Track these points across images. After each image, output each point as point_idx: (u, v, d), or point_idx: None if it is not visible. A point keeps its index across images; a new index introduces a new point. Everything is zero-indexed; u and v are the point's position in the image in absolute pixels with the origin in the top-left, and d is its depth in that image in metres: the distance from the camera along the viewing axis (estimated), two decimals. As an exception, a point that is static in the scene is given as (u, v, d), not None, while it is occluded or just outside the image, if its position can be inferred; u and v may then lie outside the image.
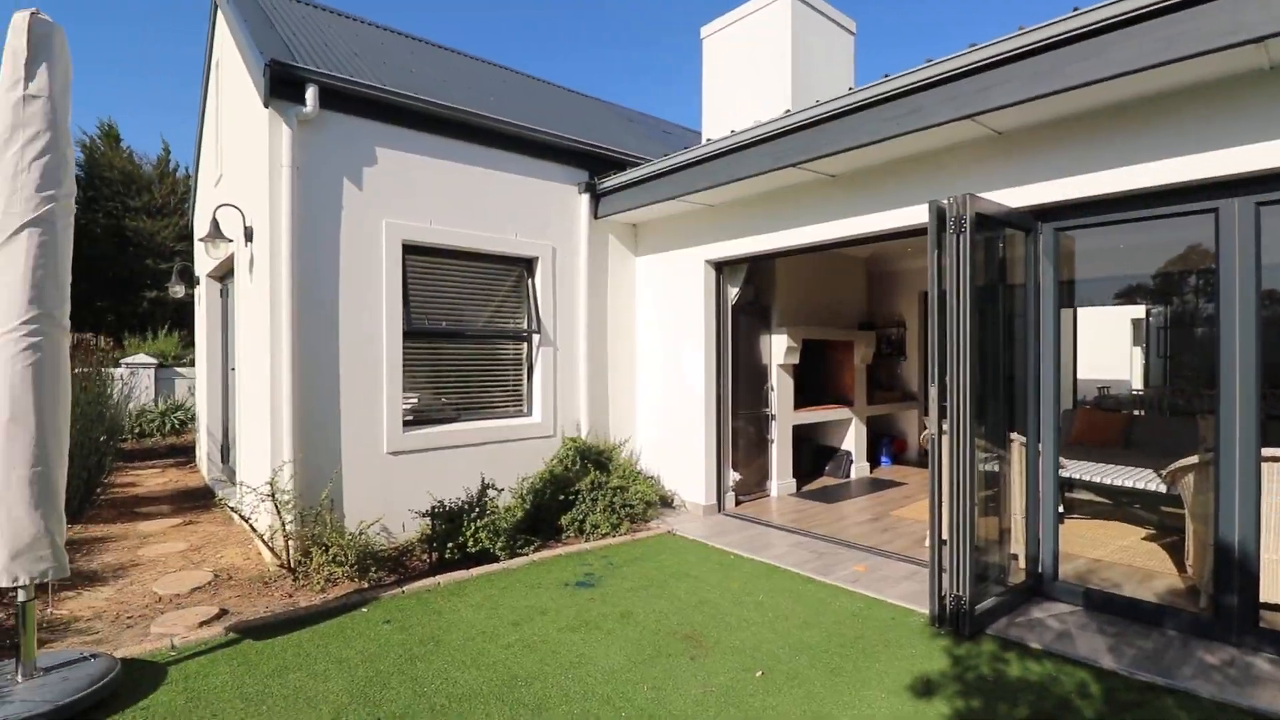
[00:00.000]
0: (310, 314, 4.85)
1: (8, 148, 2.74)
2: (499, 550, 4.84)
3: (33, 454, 2.69)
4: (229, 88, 6.68)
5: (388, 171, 5.30)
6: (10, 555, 2.70)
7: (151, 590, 4.26)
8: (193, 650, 3.38)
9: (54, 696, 2.67)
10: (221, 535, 5.50)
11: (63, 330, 2.82)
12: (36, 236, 2.72)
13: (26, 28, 2.80)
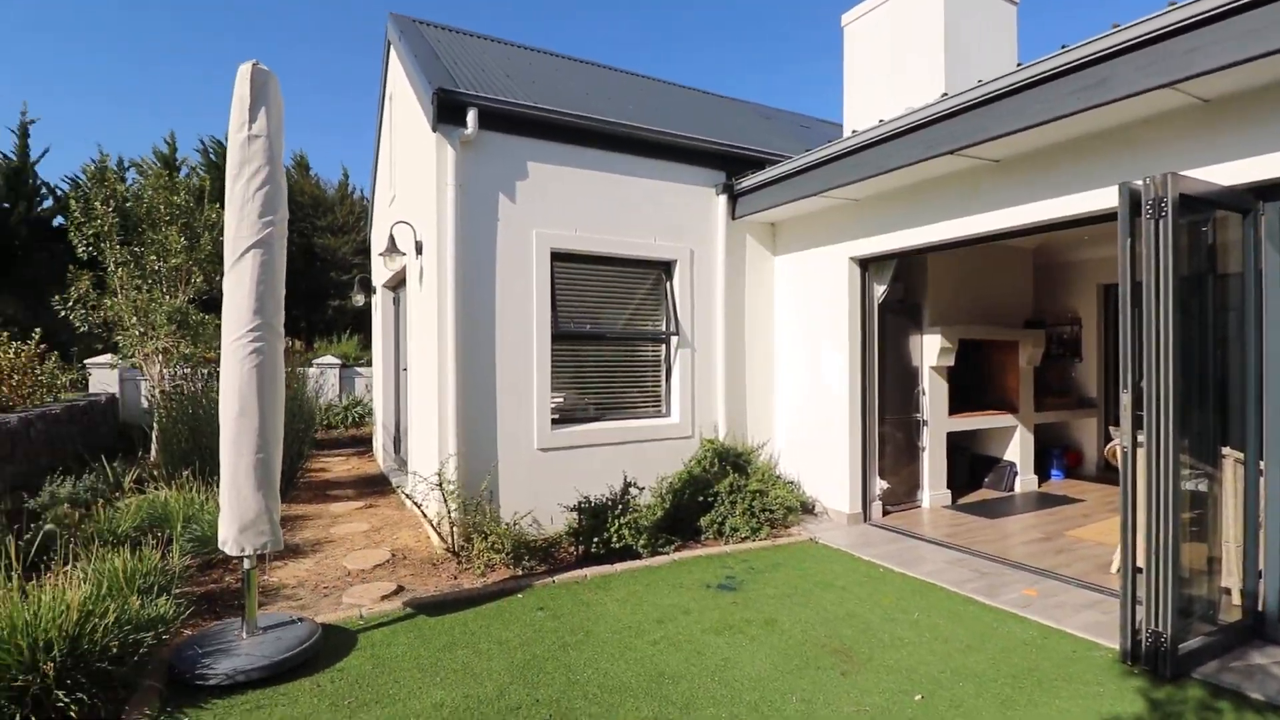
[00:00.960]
0: (471, 320, 5.25)
1: (236, 181, 3.23)
2: (641, 547, 4.95)
3: (256, 442, 3.16)
4: (401, 117, 7.41)
5: (537, 184, 5.62)
6: (239, 529, 3.18)
7: (342, 564, 4.83)
8: (377, 621, 3.79)
9: (271, 653, 3.11)
10: (396, 519, 6.11)
11: (279, 336, 3.28)
12: (259, 256, 3.19)
13: (249, 77, 3.29)
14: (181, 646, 3.19)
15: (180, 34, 45.13)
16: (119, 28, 39.89)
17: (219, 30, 46.00)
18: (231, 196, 3.22)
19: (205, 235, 8.59)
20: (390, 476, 7.89)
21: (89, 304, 8.12)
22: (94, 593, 2.93)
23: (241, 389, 3.13)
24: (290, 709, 2.85)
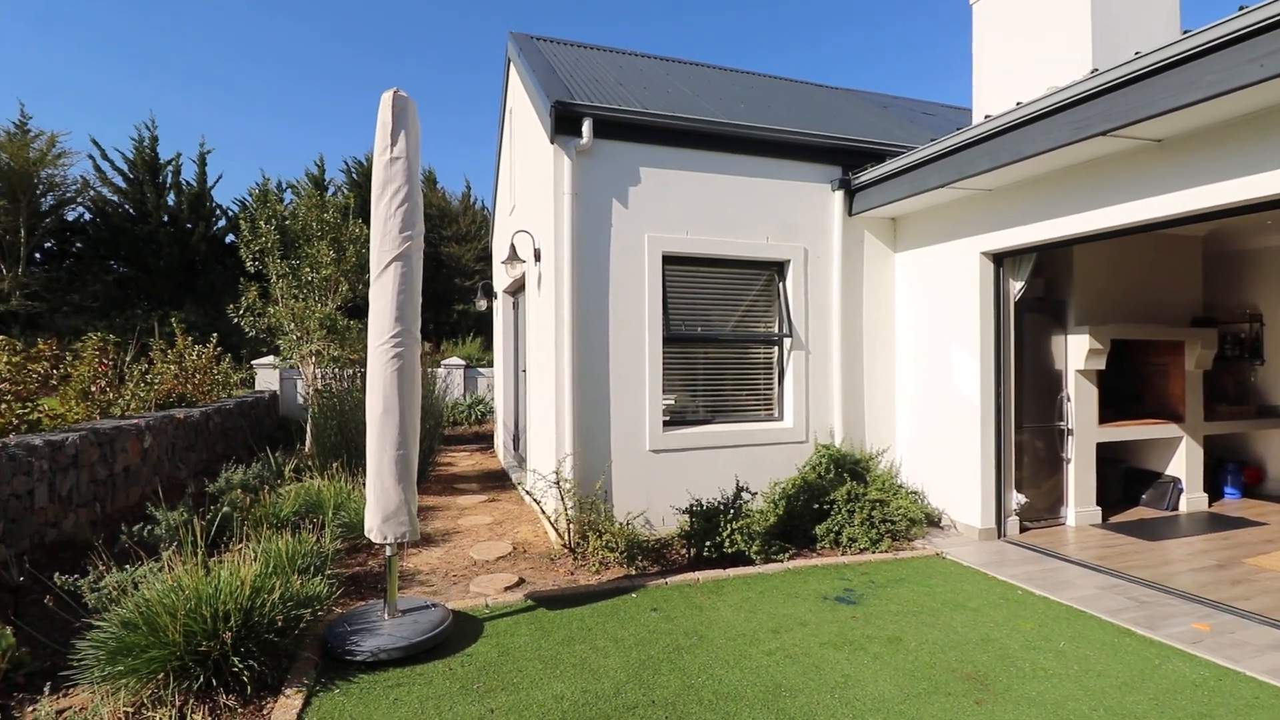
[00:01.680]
0: (585, 324, 5.41)
1: (380, 200, 3.52)
2: (754, 554, 4.88)
3: (398, 439, 3.43)
4: (520, 130, 7.76)
5: (649, 188, 5.69)
6: (382, 519, 3.47)
7: (469, 555, 5.14)
8: (500, 611, 3.99)
9: (409, 635, 3.36)
10: (516, 513, 6.41)
11: (416, 341, 3.54)
12: (399, 268, 3.45)
13: (391, 104, 3.57)
14: (333, 623, 3.52)
15: (329, 58, 50.24)
16: (284, 51, 45.15)
17: (361, 54, 50.66)
18: (376, 214, 3.51)
19: (350, 248, 9.43)
20: (510, 472, 8.28)
21: (256, 312, 9.16)
22: (263, 571, 3.30)
23: (385, 390, 3.41)
24: (426, 689, 3.06)
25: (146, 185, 21.21)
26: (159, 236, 20.67)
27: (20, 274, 18.81)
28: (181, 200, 21.71)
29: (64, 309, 19.31)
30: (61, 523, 5.22)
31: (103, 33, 41.43)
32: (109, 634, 2.89)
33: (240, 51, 47.93)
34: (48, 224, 20.18)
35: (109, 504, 5.96)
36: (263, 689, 2.96)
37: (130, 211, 21.09)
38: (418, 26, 56.00)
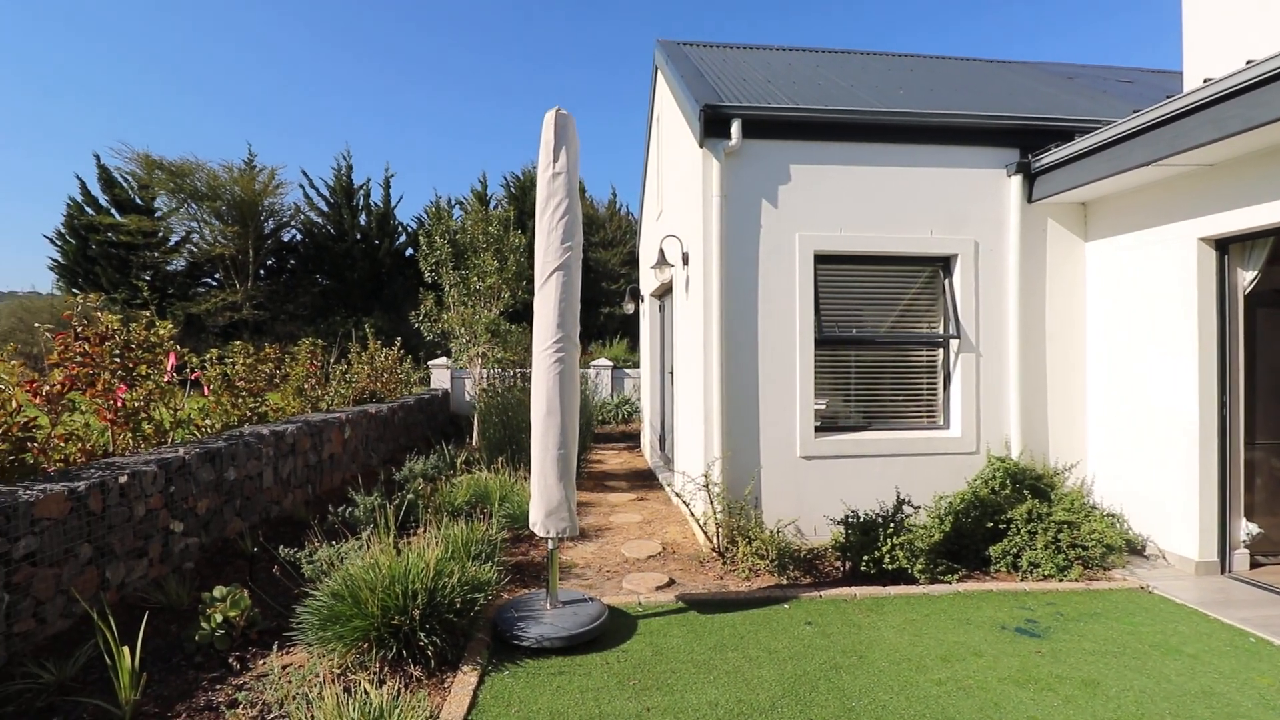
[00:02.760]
0: (734, 326, 5.36)
1: (543, 214, 3.73)
2: (917, 572, 4.55)
3: (559, 439, 3.62)
4: (668, 136, 7.88)
5: (799, 186, 5.52)
6: (545, 514, 3.67)
7: (620, 551, 5.30)
8: (653, 610, 4.07)
9: (569, 626, 3.53)
10: (664, 513, 6.51)
11: (576, 346, 3.71)
12: (561, 278, 3.64)
13: (553, 122, 3.77)
14: (502, 608, 3.79)
15: (491, 74, 54.86)
16: (453, 72, 49.91)
17: (518, 65, 54.58)
18: (539, 226, 3.73)
19: (511, 258, 10.13)
20: (657, 472, 8.44)
21: (433, 318, 10.13)
22: (443, 555, 3.63)
23: (548, 392, 3.61)
24: (585, 680, 3.19)
25: (343, 208, 24.29)
26: (353, 252, 23.58)
27: (249, 288, 22.33)
28: (370, 220, 24.59)
29: (281, 317, 22.64)
30: (282, 501, 6.10)
31: (303, 59, 48.44)
32: (321, 603, 3.32)
33: (415, 75, 53.87)
34: (269, 244, 23.78)
35: (318, 486, 6.88)
36: (444, 664, 3.26)
37: (331, 231, 24.27)
38: (570, 37, 59.49)
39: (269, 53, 44.85)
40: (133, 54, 62.19)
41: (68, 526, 3.55)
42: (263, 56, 43.75)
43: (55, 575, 3.47)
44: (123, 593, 3.95)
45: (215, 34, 50.97)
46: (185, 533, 4.58)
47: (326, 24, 50.32)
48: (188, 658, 3.31)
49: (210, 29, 52.24)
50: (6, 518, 3.17)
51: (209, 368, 6.29)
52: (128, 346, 4.81)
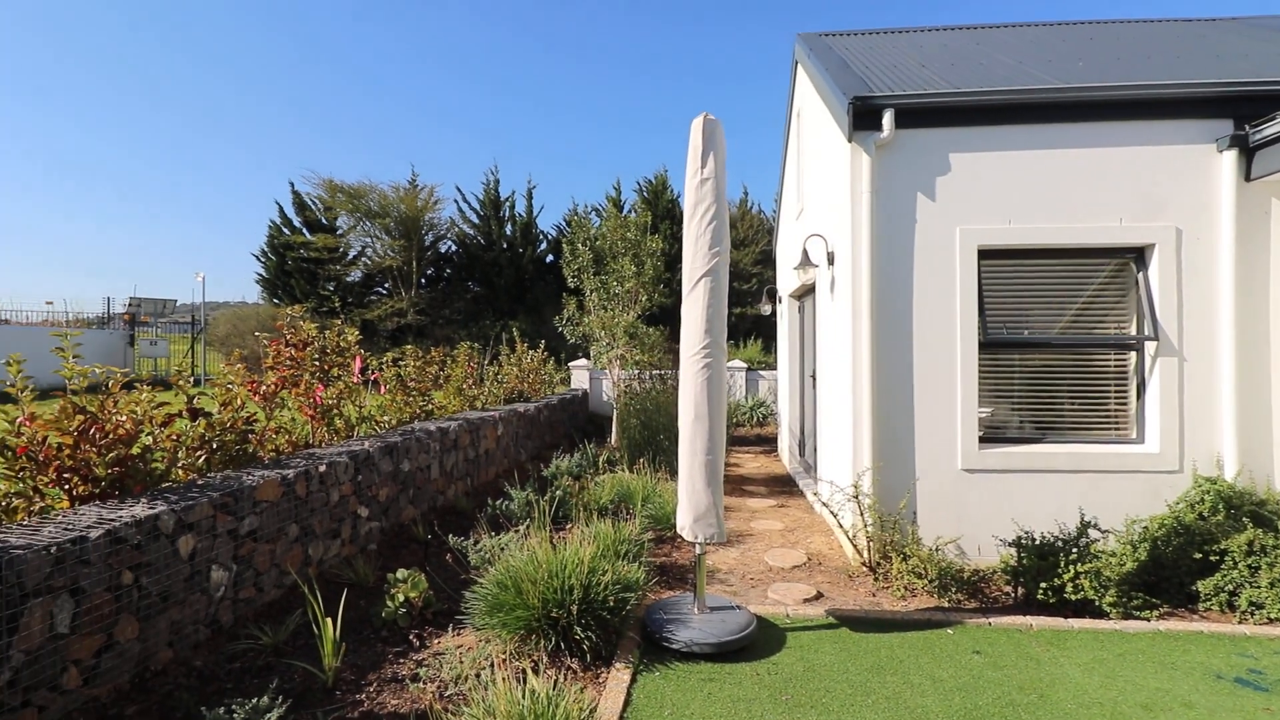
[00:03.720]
0: (886, 329, 5.08)
1: (691, 220, 3.75)
2: (1106, 604, 4.05)
3: (707, 444, 3.62)
4: (809, 132, 7.64)
5: (960, 176, 5.11)
6: (693, 519, 3.69)
7: (763, 559, 5.20)
8: (801, 624, 3.95)
9: (718, 633, 3.52)
10: (807, 522, 6.31)
11: (723, 351, 3.69)
12: (709, 283, 3.64)
13: (701, 128, 3.78)
14: (651, 608, 3.86)
15: (624, 82, 56.85)
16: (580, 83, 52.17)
17: (650, 69, 55.93)
18: (687, 232, 3.76)
19: (648, 262, 10.32)
20: (796, 478, 8.20)
21: (574, 321, 10.58)
22: (596, 553, 3.76)
23: (696, 398, 3.63)
24: (736, 689, 3.16)
25: (491, 220, 26.05)
26: (500, 260, 25.22)
27: (412, 295, 24.60)
28: (515, 230, 26.16)
29: (439, 321, 24.72)
30: (446, 492, 6.64)
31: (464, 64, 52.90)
32: (487, 591, 3.57)
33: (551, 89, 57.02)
34: (429, 255, 26.05)
35: (475, 479, 7.42)
36: (598, 659, 3.37)
37: (481, 241, 26.12)
38: (702, 36, 60.31)
39: (433, 99, 51.00)
40: (306, 120, 72.11)
41: (280, 508, 4.10)
42: (426, 101, 49.79)
43: (270, 550, 4.02)
44: (321, 568, 4.50)
45: (384, 90, 58.89)
46: (369, 517, 5.13)
47: (477, 70, 55.70)
48: (375, 631, 3.69)
49: (382, 88, 60.66)
50: (235, 499, 3.71)
51: (385, 369, 6.99)
52: (324, 351, 5.47)
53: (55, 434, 3.32)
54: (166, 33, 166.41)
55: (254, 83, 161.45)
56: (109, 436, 3.45)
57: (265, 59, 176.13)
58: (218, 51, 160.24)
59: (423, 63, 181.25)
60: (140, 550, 3.07)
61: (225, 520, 3.61)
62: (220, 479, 3.90)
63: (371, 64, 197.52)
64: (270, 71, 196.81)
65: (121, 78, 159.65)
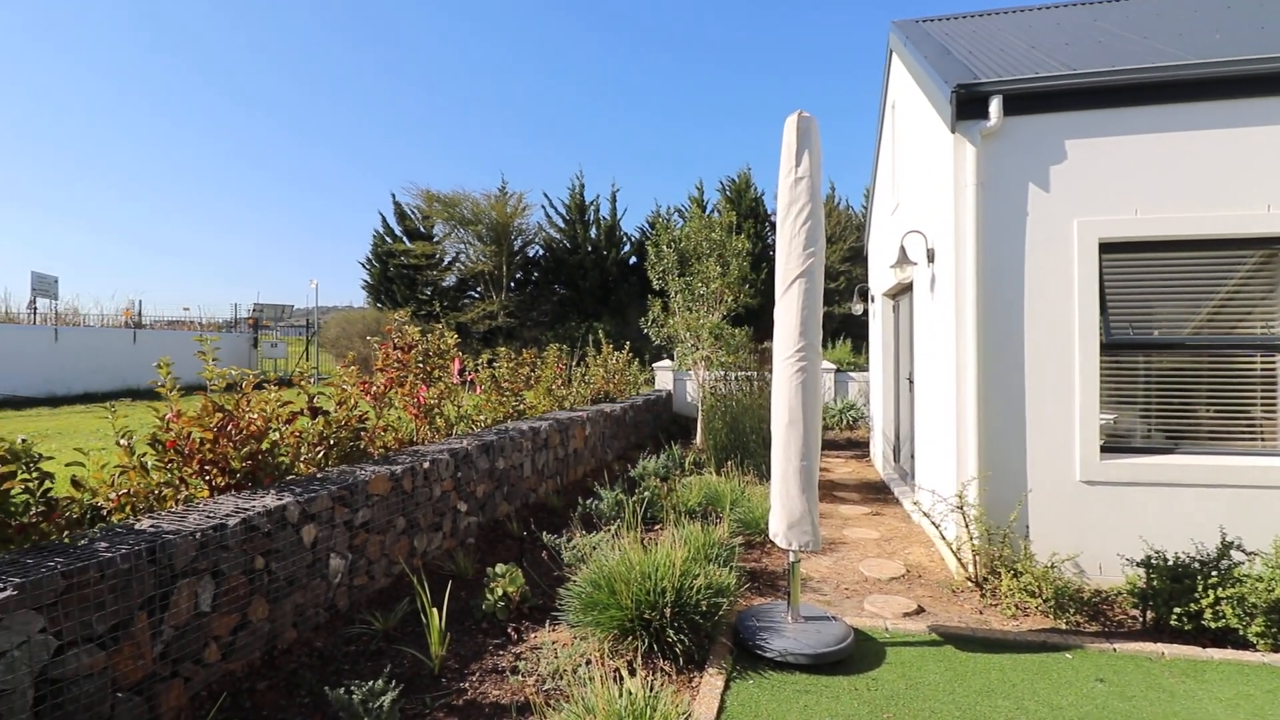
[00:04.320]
0: (994, 329, 4.78)
1: (785, 220, 3.68)
2: (1251, 635, 3.63)
3: (802, 450, 3.54)
4: (906, 124, 7.32)
5: (1078, 164, 4.74)
6: (787, 526, 3.62)
7: (858, 569, 5.03)
8: (901, 638, 3.78)
9: (813, 644, 3.43)
10: (904, 531, 6.04)
11: (818, 354, 3.60)
12: (803, 284, 3.56)
13: (795, 126, 3.69)
14: (743, 615, 3.81)
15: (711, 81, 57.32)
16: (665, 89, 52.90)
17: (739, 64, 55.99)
18: (781, 233, 3.69)
19: (734, 262, 10.22)
20: (890, 485, 7.87)
21: (659, 323, 10.62)
22: (687, 556, 3.75)
23: (790, 402, 3.55)
24: (834, 704, 3.07)
25: (577, 224, 26.62)
26: (585, 263, 25.72)
27: (502, 298, 25.52)
28: (599, 233, 26.60)
29: (527, 323, 25.52)
30: (537, 489, 6.84)
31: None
32: (581, 589, 3.64)
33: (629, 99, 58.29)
34: (517, 260, 26.94)
35: (564, 478, 7.60)
36: (690, 662, 3.36)
37: (566, 245, 26.74)
38: (787, 24, 60.16)
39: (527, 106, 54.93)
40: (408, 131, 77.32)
41: (389, 502, 4.35)
42: (515, 106, 53.64)
43: (380, 541, 4.28)
44: (425, 560, 4.74)
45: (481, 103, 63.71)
46: (468, 512, 5.35)
47: (566, 71, 59.18)
48: (476, 623, 3.85)
49: (477, 103, 65.72)
50: (351, 493, 3.97)
51: (480, 370, 7.28)
52: (427, 354, 5.77)
53: (198, 430, 3.67)
54: (280, 56, 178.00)
55: (350, 97, 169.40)
56: (243, 433, 3.78)
57: (365, 76, 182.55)
58: (322, 71, 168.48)
59: (514, 67, 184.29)
60: (270, 538, 3.34)
61: (342, 512, 3.87)
62: (337, 473, 4.19)
63: (462, 71, 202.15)
64: (370, 87, 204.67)
65: (239, 92, 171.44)
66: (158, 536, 2.83)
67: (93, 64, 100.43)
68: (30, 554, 2.58)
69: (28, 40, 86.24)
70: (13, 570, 2.39)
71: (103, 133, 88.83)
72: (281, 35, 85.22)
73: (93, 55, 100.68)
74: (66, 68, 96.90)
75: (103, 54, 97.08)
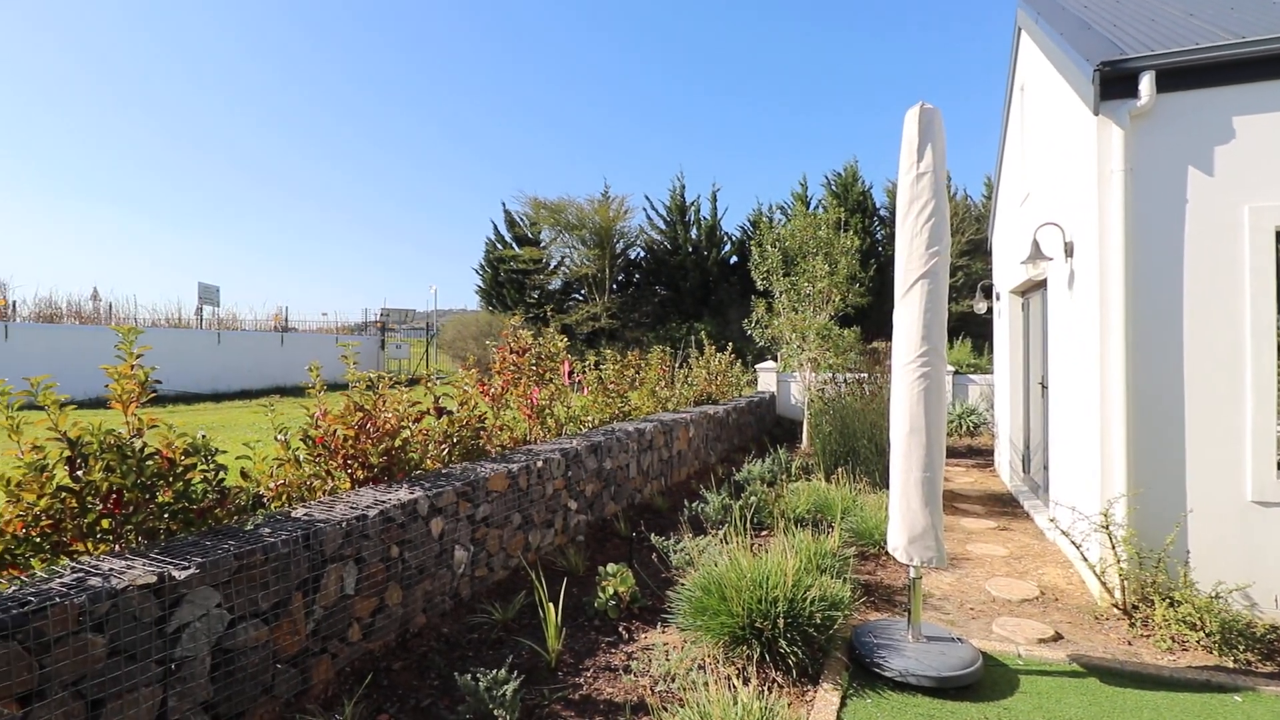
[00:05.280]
0: (1144, 330, 4.32)
1: (906, 218, 3.50)
2: None
3: (924, 460, 3.36)
4: (1037, 107, 6.76)
5: (1248, 144, 4.19)
6: (908, 540, 3.44)
7: (983, 588, 4.70)
8: (1037, 667, 3.50)
9: (937, 666, 3.24)
10: (1036, 549, 5.59)
11: (942, 359, 3.40)
12: (926, 285, 3.38)
13: (917, 118, 3.51)
14: (859, 630, 3.67)
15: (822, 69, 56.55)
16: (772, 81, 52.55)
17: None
18: (901, 232, 3.52)
19: (842, 261, 9.87)
20: (1019, 498, 7.30)
21: (763, 324, 10.45)
22: (800, 566, 3.67)
23: (911, 409, 3.38)
24: (961, 730, 2.89)
25: (678, 225, 26.72)
26: (686, 264, 25.76)
27: (605, 300, 26.06)
28: (700, 233, 26.55)
29: (629, 324, 25.92)
30: (643, 490, 6.93)
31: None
32: (690, 593, 3.65)
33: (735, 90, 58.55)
34: (619, 262, 27.42)
35: (668, 479, 7.65)
36: (803, 675, 3.29)
37: (667, 246, 26.92)
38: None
39: (625, 98, 57.29)
40: (532, 117, 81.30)
41: (506, 498, 4.56)
42: (619, 104, 56.07)
43: (498, 535, 4.50)
44: (538, 555, 4.93)
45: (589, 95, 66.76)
46: (577, 510, 5.52)
47: (670, 64, 61.27)
48: (588, 619, 3.96)
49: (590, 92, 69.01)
50: (473, 488, 4.20)
51: (588, 372, 7.48)
52: (539, 357, 6.00)
53: (341, 427, 4.01)
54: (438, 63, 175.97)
55: (483, 92, 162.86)
56: (379, 430, 4.09)
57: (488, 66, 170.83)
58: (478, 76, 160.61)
59: (628, 58, 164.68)
60: (403, 529, 3.60)
61: (465, 507, 4.11)
62: (460, 470, 4.45)
63: (582, 67, 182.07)
64: (494, 78, 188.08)
65: (358, 124, 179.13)
66: (311, 524, 3.12)
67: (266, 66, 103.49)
68: (207, 536, 2.93)
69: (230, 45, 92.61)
70: (194, 551, 2.73)
71: (275, 136, 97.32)
72: (433, 41, 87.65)
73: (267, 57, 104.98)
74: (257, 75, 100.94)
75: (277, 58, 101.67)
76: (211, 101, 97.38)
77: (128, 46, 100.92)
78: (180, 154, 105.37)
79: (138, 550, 2.74)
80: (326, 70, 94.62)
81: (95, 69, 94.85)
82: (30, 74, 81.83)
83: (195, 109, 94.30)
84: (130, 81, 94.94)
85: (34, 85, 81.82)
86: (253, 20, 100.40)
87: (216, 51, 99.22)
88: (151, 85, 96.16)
